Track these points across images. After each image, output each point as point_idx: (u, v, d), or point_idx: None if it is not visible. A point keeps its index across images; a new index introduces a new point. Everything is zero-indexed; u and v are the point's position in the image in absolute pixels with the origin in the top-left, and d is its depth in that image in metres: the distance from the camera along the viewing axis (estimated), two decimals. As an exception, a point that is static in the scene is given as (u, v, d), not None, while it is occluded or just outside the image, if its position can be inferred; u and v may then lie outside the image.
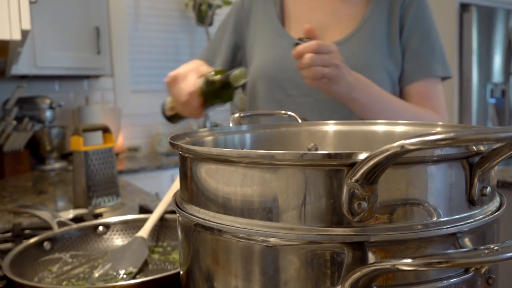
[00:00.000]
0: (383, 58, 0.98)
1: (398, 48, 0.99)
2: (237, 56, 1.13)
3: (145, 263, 0.71)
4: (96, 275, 0.66)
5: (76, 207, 1.19)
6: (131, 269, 0.67)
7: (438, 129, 0.52)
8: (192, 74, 0.88)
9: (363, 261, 0.31)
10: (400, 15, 0.99)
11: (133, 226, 0.78)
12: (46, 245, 0.69)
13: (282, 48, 1.02)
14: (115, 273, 0.67)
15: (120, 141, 2.82)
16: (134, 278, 0.66)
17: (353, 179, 0.30)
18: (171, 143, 0.42)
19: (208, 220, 0.36)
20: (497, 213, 0.36)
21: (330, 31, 1.02)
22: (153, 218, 0.76)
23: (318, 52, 0.77)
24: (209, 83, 0.85)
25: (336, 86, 0.81)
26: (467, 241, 0.33)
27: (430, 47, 0.99)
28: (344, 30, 1.01)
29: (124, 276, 0.66)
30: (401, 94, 1.02)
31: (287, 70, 0.99)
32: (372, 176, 0.29)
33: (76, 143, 1.17)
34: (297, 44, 0.79)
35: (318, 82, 0.80)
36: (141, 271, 0.69)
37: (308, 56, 0.76)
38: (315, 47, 0.77)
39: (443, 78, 1.01)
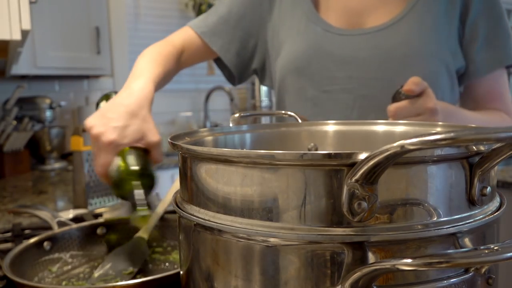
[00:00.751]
0: (441, 46, 0.81)
1: (455, 34, 0.83)
2: (249, 43, 0.95)
3: (145, 263, 0.71)
4: (96, 275, 0.66)
5: (76, 207, 1.19)
6: (131, 269, 0.67)
7: (438, 129, 0.52)
8: (105, 153, 0.67)
9: (363, 261, 0.31)
10: None
11: (133, 226, 0.78)
12: (46, 245, 0.69)
13: (316, 35, 0.86)
14: (115, 273, 0.67)
15: (120, 141, 2.81)
16: (134, 278, 0.66)
17: (353, 179, 0.30)
18: (171, 143, 0.42)
19: (208, 220, 0.36)
20: (497, 213, 0.36)
21: (372, 15, 0.86)
22: (153, 218, 0.76)
23: (399, 117, 0.67)
24: (120, 173, 0.67)
25: None
26: (467, 241, 0.33)
27: (505, 31, 0.84)
28: (390, 13, 0.84)
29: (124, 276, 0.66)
30: (464, 91, 0.88)
31: (322, 61, 0.85)
32: (372, 176, 0.29)
33: (76, 143, 1.17)
34: (394, 97, 0.70)
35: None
36: (141, 271, 0.69)
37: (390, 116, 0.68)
38: (393, 113, 0.67)
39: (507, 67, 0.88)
